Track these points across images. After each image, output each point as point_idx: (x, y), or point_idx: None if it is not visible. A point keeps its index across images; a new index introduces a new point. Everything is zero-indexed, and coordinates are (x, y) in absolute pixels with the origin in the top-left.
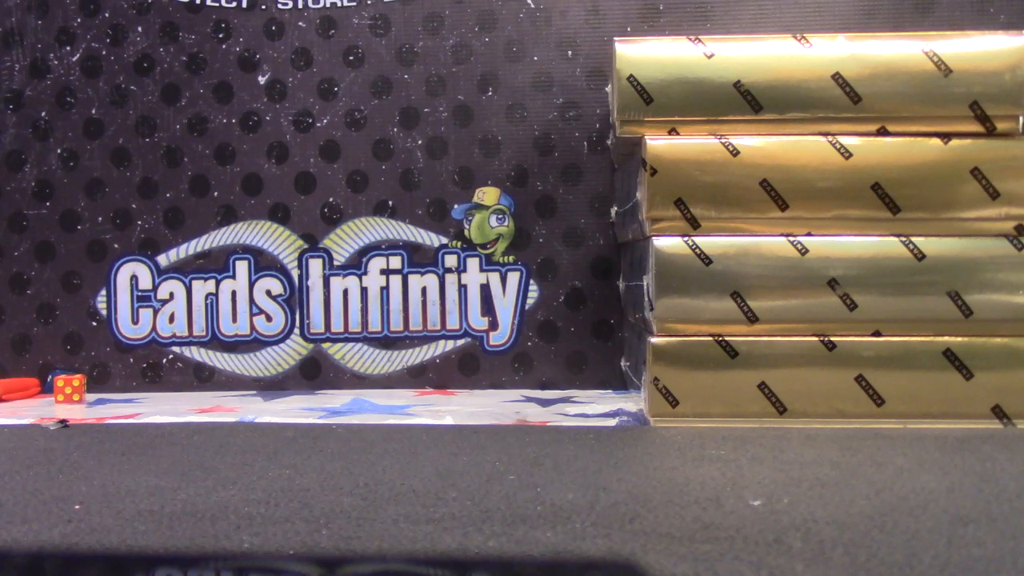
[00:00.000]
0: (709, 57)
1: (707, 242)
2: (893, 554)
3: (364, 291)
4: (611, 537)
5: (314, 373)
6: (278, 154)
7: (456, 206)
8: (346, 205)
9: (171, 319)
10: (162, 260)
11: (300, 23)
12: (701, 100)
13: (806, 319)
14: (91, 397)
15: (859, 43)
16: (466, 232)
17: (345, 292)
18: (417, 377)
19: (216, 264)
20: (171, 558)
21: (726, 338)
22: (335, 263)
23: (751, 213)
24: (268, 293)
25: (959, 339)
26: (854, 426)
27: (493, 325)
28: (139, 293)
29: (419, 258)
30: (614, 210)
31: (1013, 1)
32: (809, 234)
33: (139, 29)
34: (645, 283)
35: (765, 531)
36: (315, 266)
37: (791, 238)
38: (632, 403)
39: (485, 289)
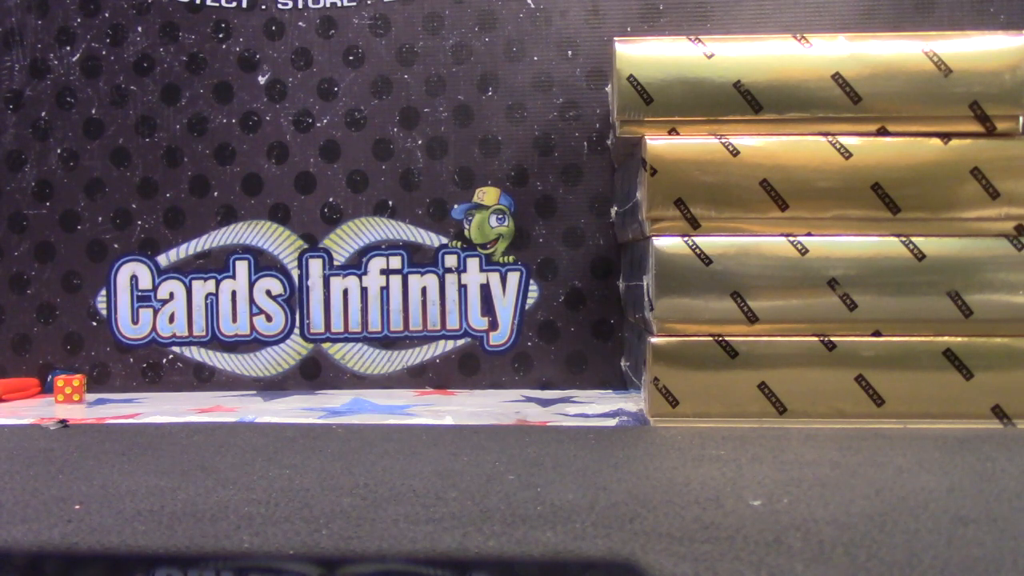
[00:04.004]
0: (709, 57)
1: (707, 242)
2: (893, 554)
3: (364, 291)
4: (611, 537)
5: (314, 373)
6: (278, 154)
7: (456, 206)
8: (346, 205)
9: (171, 319)
10: (162, 260)
11: (300, 23)
12: (701, 100)
13: (806, 319)
14: (91, 397)
15: (859, 43)
16: (466, 232)
17: (345, 292)
18: (417, 377)
19: (216, 264)
20: (171, 558)
21: (726, 338)
22: (335, 263)
23: (751, 213)
24: (268, 293)
25: (959, 339)
26: (854, 426)
27: (493, 325)
28: (139, 293)
29: (419, 258)
30: (614, 210)
31: (1013, 1)
32: (809, 234)
33: (139, 29)
34: (645, 283)
35: (765, 531)
36: (315, 266)
37: (791, 238)
38: (632, 403)
39: (485, 289)
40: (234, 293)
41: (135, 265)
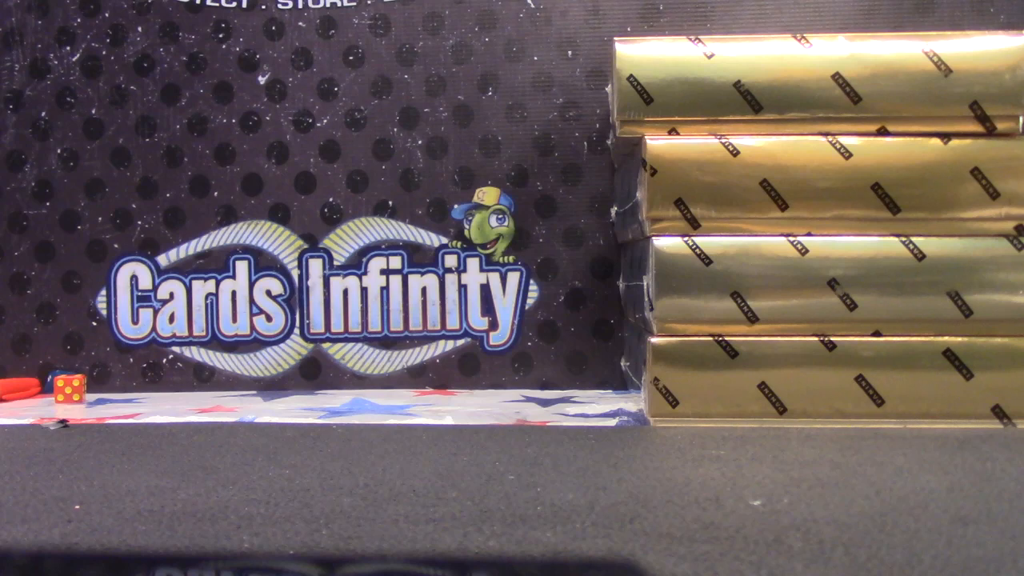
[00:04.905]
0: (709, 57)
1: (707, 242)
2: (893, 554)
3: (364, 291)
4: (611, 537)
5: (314, 373)
6: (278, 154)
7: (456, 206)
8: (346, 205)
9: (171, 319)
10: (162, 260)
11: (300, 23)
12: (701, 100)
13: (806, 319)
14: (91, 397)
15: (859, 43)
16: (466, 232)
17: (345, 292)
18: (417, 377)
19: (216, 264)
20: (171, 558)
21: (726, 338)
22: (335, 263)
23: (751, 213)
24: (268, 293)
25: (959, 339)
26: (854, 426)
27: (493, 325)
28: (139, 293)
29: (419, 258)
30: (614, 210)
31: (1013, 1)
32: (809, 234)
33: (139, 29)
34: (645, 283)
35: (765, 531)
36: (315, 266)
37: (791, 238)
38: (632, 403)
39: (485, 289)
40: (234, 293)
41: (135, 265)
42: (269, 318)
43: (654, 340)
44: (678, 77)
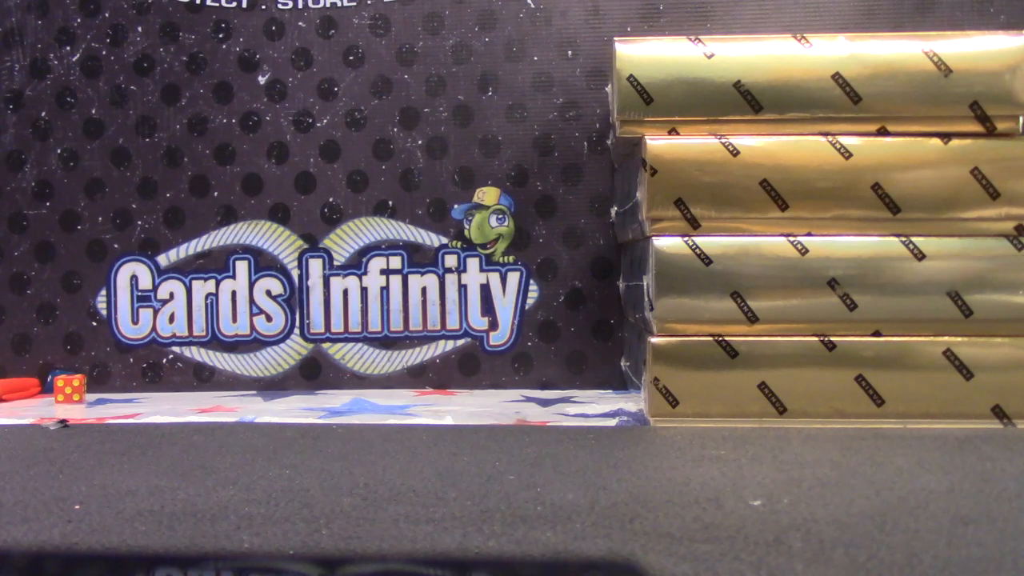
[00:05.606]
0: (709, 57)
1: (707, 242)
2: (893, 554)
3: (364, 291)
4: (611, 537)
5: (314, 373)
6: (278, 154)
7: (456, 206)
8: (346, 205)
9: (171, 319)
10: (162, 260)
11: (300, 23)
12: (701, 100)
13: (806, 319)
14: (91, 397)
15: (859, 43)
16: (466, 232)
17: (345, 292)
18: (417, 377)
19: (216, 264)
20: (171, 558)
21: (726, 338)
22: (335, 263)
23: (751, 213)
24: (268, 293)
25: (959, 339)
26: (854, 426)
27: (493, 325)
28: (139, 293)
29: (419, 258)
30: (614, 210)
31: (1013, 1)
32: (809, 234)
33: (139, 29)
34: (645, 283)
35: (765, 531)
36: (315, 266)
37: (791, 238)
38: (632, 403)
39: (485, 289)
40: (234, 293)
41: (135, 265)
42: (269, 318)
43: (654, 340)
44: (678, 77)
